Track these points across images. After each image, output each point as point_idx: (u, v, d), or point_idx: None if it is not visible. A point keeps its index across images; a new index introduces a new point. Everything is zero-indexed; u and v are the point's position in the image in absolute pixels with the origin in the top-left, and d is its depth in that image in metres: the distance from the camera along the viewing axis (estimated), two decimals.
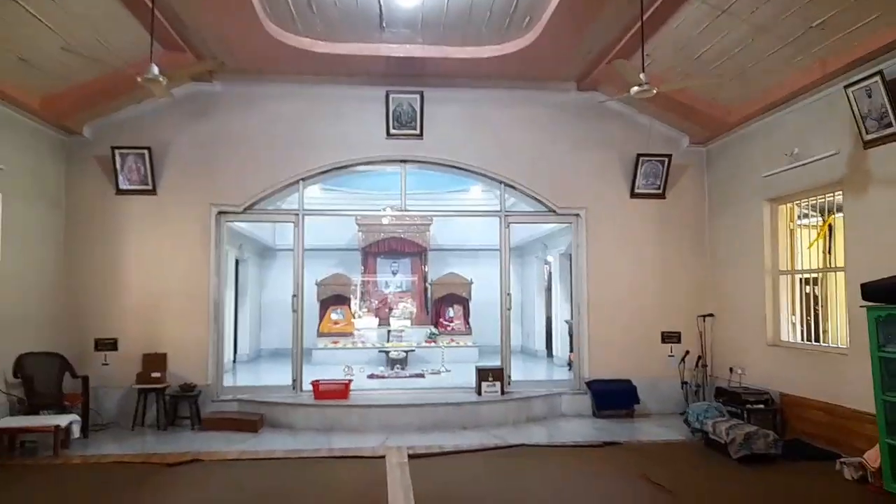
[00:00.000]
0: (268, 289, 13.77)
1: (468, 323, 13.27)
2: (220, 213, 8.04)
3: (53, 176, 7.53)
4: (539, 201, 8.45)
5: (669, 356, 8.28)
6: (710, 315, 8.26)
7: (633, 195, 8.43)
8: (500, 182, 8.42)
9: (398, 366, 10.92)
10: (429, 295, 13.77)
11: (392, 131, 8.17)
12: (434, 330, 12.83)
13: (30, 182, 7.04)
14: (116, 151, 7.60)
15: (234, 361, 11.82)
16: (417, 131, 8.19)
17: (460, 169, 8.39)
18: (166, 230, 7.84)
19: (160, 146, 7.83)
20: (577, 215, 8.46)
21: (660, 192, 8.45)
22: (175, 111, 7.92)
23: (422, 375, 10.21)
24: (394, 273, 13.84)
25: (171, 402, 7.49)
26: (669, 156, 8.33)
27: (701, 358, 8.17)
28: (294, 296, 8.12)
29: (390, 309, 13.43)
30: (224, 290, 8.15)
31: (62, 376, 6.63)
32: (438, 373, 10.53)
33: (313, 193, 11.92)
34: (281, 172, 8.08)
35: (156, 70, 5.48)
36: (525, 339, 13.99)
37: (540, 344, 13.07)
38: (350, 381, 7.93)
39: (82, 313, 7.64)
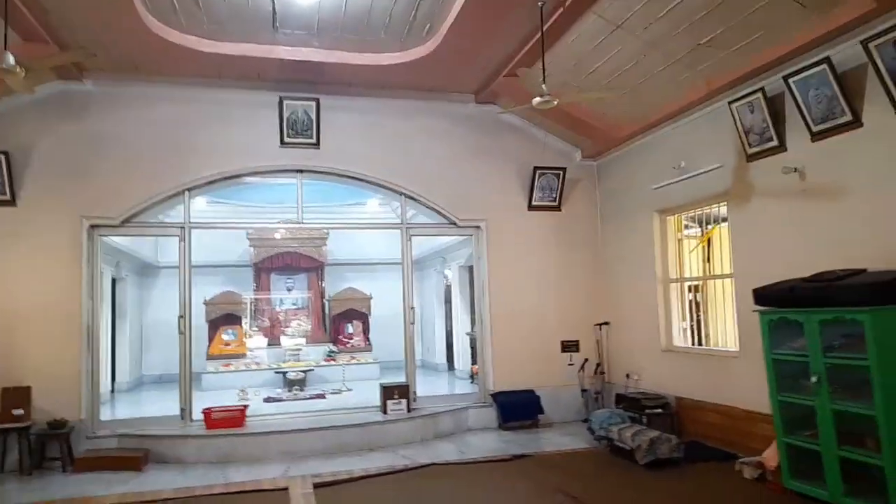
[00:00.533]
0: (150, 309, 12.73)
1: (368, 339, 12.95)
2: (94, 226, 7.27)
3: None
4: (440, 213, 8.36)
5: (569, 364, 8.43)
6: (606, 323, 8.51)
7: (531, 207, 8.56)
8: (401, 194, 8.26)
9: (296, 387, 10.40)
10: (327, 311, 13.30)
11: (286, 140, 7.78)
12: (333, 347, 12.39)
13: None
14: None
15: (113, 391, 10.76)
16: (314, 140, 7.86)
17: (360, 180, 8.13)
18: (29, 246, 6.96)
19: (21, 151, 6.97)
20: (478, 227, 8.46)
21: (555, 204, 8.64)
22: (39, 112, 7.10)
23: (322, 396, 9.77)
24: (289, 290, 13.26)
25: (38, 441, 6.61)
26: (564, 169, 8.54)
27: (599, 365, 8.39)
28: (181, 316, 7.48)
29: (284, 327, 12.83)
30: (99, 313, 7.36)
31: None
32: (340, 392, 10.14)
33: (200, 206, 11.22)
34: (164, 182, 7.44)
35: (11, 59, 4.82)
36: (425, 352, 13.87)
37: (441, 357, 12.98)
38: (246, 406, 7.40)
39: None
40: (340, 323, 13.08)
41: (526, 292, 8.41)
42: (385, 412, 7.60)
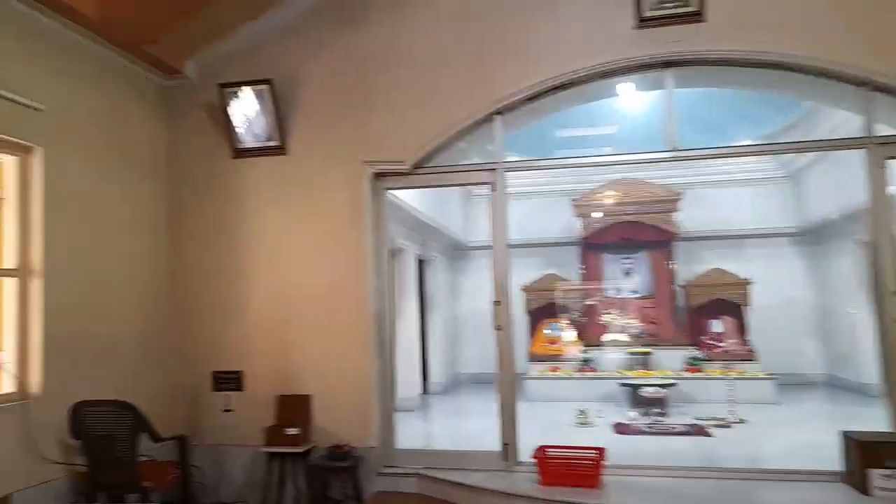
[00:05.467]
0: (462, 297, 10.93)
1: (746, 341, 9.09)
2: (379, 175, 5.17)
3: (147, 137, 5.20)
4: None
5: None
6: None
7: None
8: (864, 84, 4.48)
9: (655, 410, 7.24)
10: (679, 302, 9.83)
11: (647, 14, 4.69)
12: (697, 353, 8.88)
13: (115, 144, 4.77)
14: (226, 91, 5.07)
15: (425, 392, 9.08)
16: (694, 7, 4.60)
17: (780, 67, 4.59)
18: (301, 209, 5.16)
19: (286, 80, 5.19)
20: None
21: None
22: (307, 27, 5.29)
23: (703, 430, 6.41)
24: (627, 273, 10.13)
25: (316, 474, 4.70)
26: None
27: None
28: (496, 303, 4.93)
29: (608, 321, 9.73)
30: (388, 296, 5.21)
31: (135, 438, 4.08)
32: (727, 425, 6.65)
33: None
34: (464, 105, 4.99)
35: None
36: (833, 364, 9.44)
37: (868, 373, 8.45)
38: (601, 452, 4.47)
39: (192, 335, 5.23)
40: (701, 318, 9.46)
41: None
42: (865, 490, 3.96)
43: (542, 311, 9.93)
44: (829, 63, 4.45)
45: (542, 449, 4.55)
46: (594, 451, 4.46)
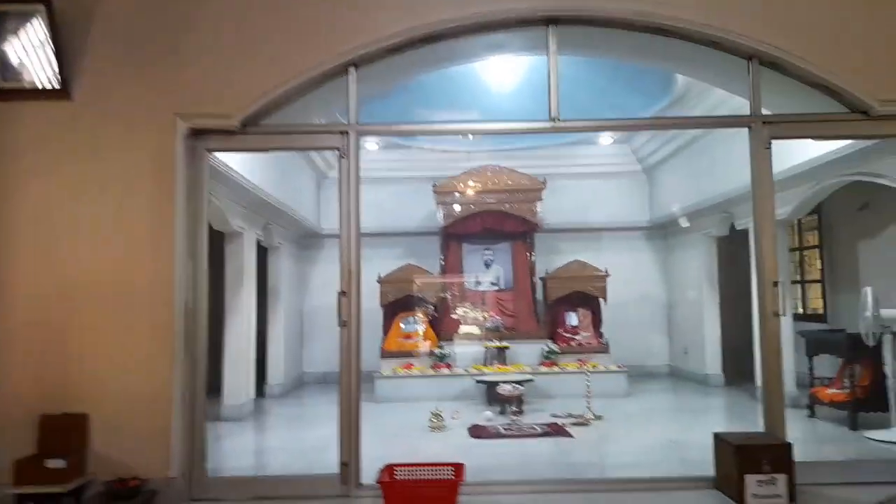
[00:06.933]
0: (312, 291, 9.89)
1: (600, 334, 8.97)
2: (197, 132, 4.07)
3: None
4: (833, 91, 4.13)
5: None
6: None
7: None
8: (749, 57, 4.18)
9: (512, 408, 6.76)
10: (538, 294, 9.56)
11: None
12: (552, 346, 8.60)
13: None
14: None
15: (262, 396, 8.00)
16: None
17: (672, 34, 4.17)
18: (89, 170, 3.95)
19: (74, 6, 3.94)
20: None
21: None
22: None
23: (562, 430, 6.00)
24: (487, 265, 9.67)
25: None
26: None
27: None
28: (341, 293, 4.05)
29: (476, 315, 9.25)
30: (202, 286, 4.11)
31: None
32: (586, 422, 6.32)
33: (370, 155, 9.14)
34: (310, 51, 4.07)
35: None
36: (676, 356, 9.75)
37: (713, 365, 8.70)
38: (459, 470, 3.76)
39: None
40: (560, 311, 9.22)
41: None
42: (740, 498, 3.61)
43: (399, 305, 9.18)
44: (712, 31, 4.08)
45: (389, 469, 3.76)
46: (450, 469, 3.76)
